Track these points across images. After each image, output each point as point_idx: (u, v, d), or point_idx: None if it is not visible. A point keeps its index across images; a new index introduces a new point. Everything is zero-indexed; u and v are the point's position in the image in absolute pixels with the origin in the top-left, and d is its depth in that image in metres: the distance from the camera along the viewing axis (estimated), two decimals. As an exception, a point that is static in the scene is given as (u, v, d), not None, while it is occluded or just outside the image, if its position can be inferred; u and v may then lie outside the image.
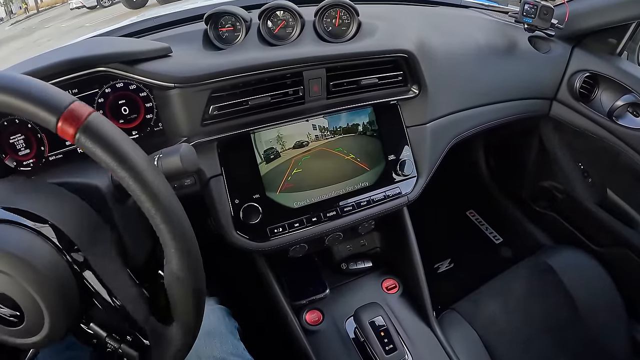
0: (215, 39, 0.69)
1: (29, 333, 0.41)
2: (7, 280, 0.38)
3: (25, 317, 0.40)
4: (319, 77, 0.68)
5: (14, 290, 0.39)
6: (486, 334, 0.87)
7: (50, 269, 0.40)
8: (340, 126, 0.73)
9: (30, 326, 0.40)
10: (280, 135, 0.70)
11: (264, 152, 0.69)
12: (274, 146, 0.69)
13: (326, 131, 0.72)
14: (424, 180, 0.78)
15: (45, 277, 0.39)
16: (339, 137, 0.73)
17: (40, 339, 0.41)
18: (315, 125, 0.72)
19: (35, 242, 0.41)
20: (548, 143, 1.12)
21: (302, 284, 0.84)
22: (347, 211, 0.73)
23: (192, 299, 0.42)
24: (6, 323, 0.40)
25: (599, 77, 0.94)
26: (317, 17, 0.71)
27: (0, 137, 0.59)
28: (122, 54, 0.60)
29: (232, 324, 0.73)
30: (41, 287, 0.39)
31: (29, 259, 0.39)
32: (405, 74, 0.76)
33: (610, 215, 1.04)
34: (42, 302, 0.39)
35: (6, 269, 0.38)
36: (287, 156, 0.70)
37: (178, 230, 0.39)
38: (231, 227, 0.67)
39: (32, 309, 0.39)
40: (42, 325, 0.40)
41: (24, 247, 0.39)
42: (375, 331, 0.73)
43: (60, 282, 0.40)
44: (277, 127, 0.69)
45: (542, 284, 0.97)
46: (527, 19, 0.88)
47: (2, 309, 0.39)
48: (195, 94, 0.62)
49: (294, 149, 0.70)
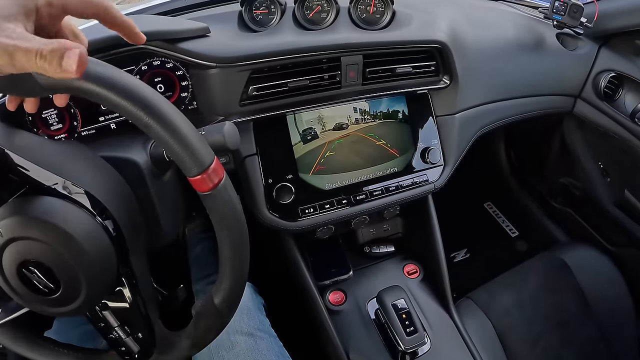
0: (249, 21, 0.70)
1: (61, 303, 0.41)
2: (46, 249, 0.39)
3: (62, 287, 0.40)
4: (356, 64, 0.70)
5: (54, 260, 0.39)
6: (500, 325, 0.89)
7: (90, 239, 0.40)
8: (373, 112, 0.75)
9: (64, 296, 0.41)
10: (315, 118, 0.71)
11: (299, 134, 0.70)
12: (309, 128, 0.71)
13: (359, 116, 0.74)
14: (450, 168, 0.80)
15: (86, 248, 0.39)
16: (371, 122, 0.75)
17: (72, 309, 0.41)
18: (349, 110, 0.73)
19: (74, 211, 0.41)
20: (570, 140, 1.13)
21: (327, 265, 0.86)
22: (376, 195, 0.75)
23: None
24: (39, 291, 0.40)
25: (624, 78, 0.94)
26: (352, 4, 0.72)
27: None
28: (165, 32, 0.61)
29: (258, 301, 0.76)
30: (82, 257, 0.39)
31: (68, 228, 0.39)
32: (438, 64, 0.77)
33: (626, 216, 1.05)
34: (82, 272, 0.39)
35: (46, 238, 0.38)
36: (321, 139, 0.72)
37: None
38: (264, 205, 0.69)
39: (70, 279, 0.40)
40: (77, 296, 0.41)
41: (63, 216, 0.39)
42: (397, 313, 0.75)
43: (100, 253, 0.41)
44: (313, 110, 0.71)
45: (556, 279, 0.98)
46: (557, 16, 0.89)
47: (39, 277, 0.40)
48: (236, 74, 0.64)
49: (327, 132, 0.72)
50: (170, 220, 0.55)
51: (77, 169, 0.43)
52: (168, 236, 0.57)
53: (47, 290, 0.40)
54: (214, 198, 0.39)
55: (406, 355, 0.75)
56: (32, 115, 0.61)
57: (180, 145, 0.36)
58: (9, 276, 0.40)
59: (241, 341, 0.66)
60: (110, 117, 0.64)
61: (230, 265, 0.43)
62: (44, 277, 0.39)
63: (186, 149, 0.36)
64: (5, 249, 0.39)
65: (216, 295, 0.44)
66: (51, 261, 0.39)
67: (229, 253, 0.42)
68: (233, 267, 0.43)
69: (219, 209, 0.40)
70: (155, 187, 0.51)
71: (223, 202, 0.40)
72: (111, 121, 0.64)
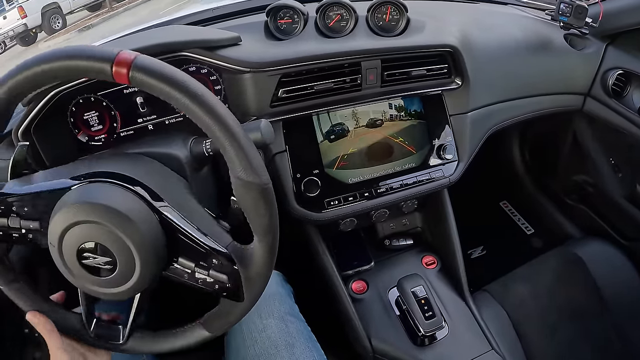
0: (275, 30, 0.77)
1: (116, 283, 0.44)
2: (103, 231, 0.42)
3: (118, 266, 0.43)
4: (375, 68, 0.76)
5: (109, 240, 0.42)
6: (515, 315, 0.91)
7: (141, 218, 0.43)
8: (391, 112, 0.81)
9: (119, 276, 0.44)
10: (339, 118, 0.78)
11: (324, 133, 0.77)
12: (333, 128, 0.77)
13: (379, 116, 0.80)
14: (464, 164, 0.85)
15: (137, 226, 0.42)
16: (389, 121, 0.81)
17: (124, 290, 0.44)
18: (369, 111, 0.79)
19: (124, 195, 0.45)
20: (581, 138, 1.16)
21: (350, 256, 0.92)
22: (395, 189, 0.80)
23: (265, 213, 0.44)
24: (99, 273, 0.44)
25: (631, 75, 0.96)
26: (370, 13, 0.79)
27: (75, 114, 0.66)
28: (204, 40, 0.69)
29: (288, 288, 0.80)
30: (134, 235, 0.42)
31: (121, 209, 0.42)
32: (449, 67, 0.82)
33: (638, 210, 1.07)
34: (135, 250, 0.42)
35: (101, 220, 0.42)
36: (344, 137, 0.78)
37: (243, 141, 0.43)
38: (292, 198, 0.75)
39: (124, 257, 0.43)
40: (131, 276, 0.44)
41: (114, 199, 0.43)
42: (416, 299, 0.79)
43: (150, 231, 0.44)
44: (337, 110, 0.77)
45: (570, 273, 1.00)
46: (563, 18, 0.92)
47: (98, 258, 0.43)
48: (267, 78, 0.70)
49: (350, 130, 0.78)
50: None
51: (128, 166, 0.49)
52: None
53: (105, 270, 0.44)
54: (139, 74, 0.40)
55: (425, 339, 0.79)
56: (74, 117, 0.67)
57: (79, 60, 0.40)
58: (68, 259, 0.44)
59: (272, 324, 0.70)
60: (148, 119, 0.70)
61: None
62: (103, 259, 0.43)
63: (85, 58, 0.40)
64: (66, 233, 0.43)
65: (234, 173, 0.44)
66: (108, 242, 0.42)
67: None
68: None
69: (153, 82, 0.41)
70: (194, 180, 0.57)
71: (151, 72, 0.40)
72: (149, 123, 0.70)
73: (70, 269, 0.45)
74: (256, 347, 0.67)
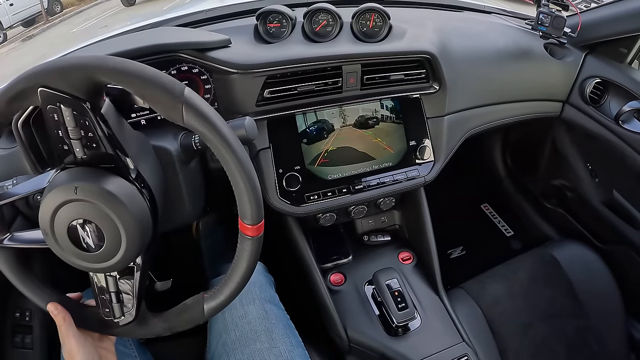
0: (264, 34, 0.82)
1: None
2: (92, 208, 0.45)
3: (105, 242, 0.46)
4: (355, 71, 0.80)
5: (98, 216, 0.45)
6: (489, 312, 0.94)
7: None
8: (370, 114, 0.85)
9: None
10: (320, 118, 0.82)
11: (306, 131, 0.81)
12: (314, 127, 0.82)
13: (358, 117, 0.84)
14: (440, 164, 0.89)
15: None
16: (369, 122, 0.85)
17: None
18: (350, 112, 0.84)
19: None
20: (560, 143, 1.20)
21: (329, 250, 0.96)
22: (372, 186, 0.85)
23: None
24: (85, 248, 0.46)
25: (608, 84, 1.00)
26: (354, 19, 0.83)
27: None
28: (197, 42, 0.73)
29: (269, 278, 0.84)
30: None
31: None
32: (427, 72, 0.86)
33: (614, 215, 1.10)
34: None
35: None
36: (325, 136, 0.82)
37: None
38: (275, 192, 0.79)
39: (112, 233, 0.45)
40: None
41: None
42: (391, 291, 0.84)
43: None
44: (318, 111, 0.81)
45: (546, 273, 1.02)
46: (542, 27, 0.96)
47: (87, 235, 0.46)
48: (253, 79, 0.75)
49: (330, 130, 0.83)
50: (192, 202, 0.65)
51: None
52: (189, 217, 0.67)
53: (93, 246, 0.46)
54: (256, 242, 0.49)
55: (399, 329, 0.83)
56: None
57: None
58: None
59: (253, 310, 0.74)
60: (140, 114, 0.74)
61: (228, 283, 0.51)
62: (92, 235, 0.46)
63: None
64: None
65: (207, 302, 0.52)
66: (98, 220, 0.45)
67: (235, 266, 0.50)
68: (229, 284, 0.51)
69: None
70: (182, 172, 0.62)
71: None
72: (142, 118, 0.74)
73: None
74: (237, 331, 0.71)
